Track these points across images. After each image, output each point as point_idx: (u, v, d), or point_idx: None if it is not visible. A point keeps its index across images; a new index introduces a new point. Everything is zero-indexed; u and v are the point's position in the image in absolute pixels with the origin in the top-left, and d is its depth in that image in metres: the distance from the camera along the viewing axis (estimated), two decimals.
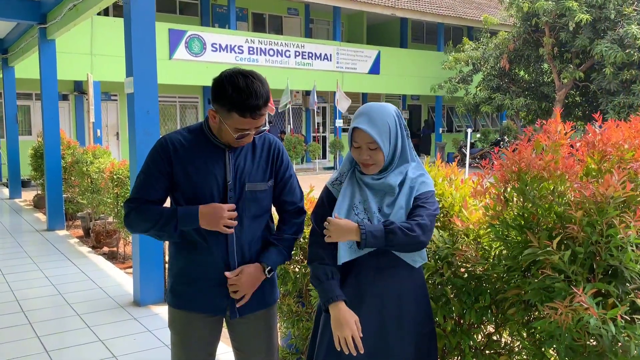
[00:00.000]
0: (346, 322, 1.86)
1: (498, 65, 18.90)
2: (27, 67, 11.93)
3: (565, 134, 1.98)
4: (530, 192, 1.95)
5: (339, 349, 1.88)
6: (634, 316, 1.69)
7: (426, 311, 2.08)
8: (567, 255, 1.76)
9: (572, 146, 1.99)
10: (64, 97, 16.74)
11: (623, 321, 1.65)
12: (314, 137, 21.99)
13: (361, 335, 1.90)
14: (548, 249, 1.79)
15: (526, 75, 19.37)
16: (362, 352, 1.88)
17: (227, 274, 1.93)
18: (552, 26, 16.72)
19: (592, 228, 1.76)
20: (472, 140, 19.32)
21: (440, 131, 23.86)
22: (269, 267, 2.00)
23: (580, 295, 1.66)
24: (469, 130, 13.86)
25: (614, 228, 1.71)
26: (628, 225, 1.67)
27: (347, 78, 20.42)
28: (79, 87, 17.23)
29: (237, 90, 1.77)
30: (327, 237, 1.91)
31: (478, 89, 19.74)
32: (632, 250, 1.68)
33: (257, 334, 2.10)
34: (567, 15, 15.52)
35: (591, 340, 1.79)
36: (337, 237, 1.88)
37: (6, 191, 12.75)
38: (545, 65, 18.36)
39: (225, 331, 2.19)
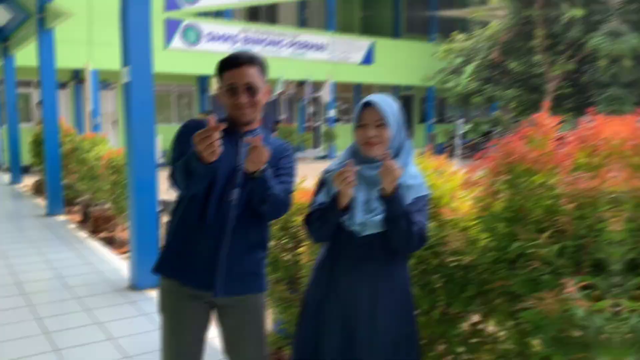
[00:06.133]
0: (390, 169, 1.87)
1: (489, 56, 18.92)
2: (25, 55, 11.98)
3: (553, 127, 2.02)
4: (521, 184, 1.98)
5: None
6: (615, 309, 1.74)
7: (406, 313, 2.07)
8: (556, 248, 1.83)
9: (559, 139, 2.02)
10: (63, 86, 16.78)
11: (609, 313, 1.70)
12: (307, 127, 22.04)
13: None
14: (537, 242, 1.85)
15: (518, 67, 19.37)
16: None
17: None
18: (545, 18, 16.78)
19: (581, 221, 1.81)
20: (463, 131, 19.43)
21: (432, 122, 23.97)
22: (264, 168, 2.00)
23: (570, 287, 1.70)
24: (459, 122, 13.99)
25: (603, 222, 1.75)
26: (618, 221, 1.72)
27: (340, 68, 20.43)
28: (78, 76, 17.26)
29: (223, 58, 2.13)
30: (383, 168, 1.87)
31: (468, 80, 19.74)
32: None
33: (245, 324, 2.16)
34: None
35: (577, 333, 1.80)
36: (387, 175, 1.86)
37: (7, 177, 12.89)
38: (537, 57, 18.38)
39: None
